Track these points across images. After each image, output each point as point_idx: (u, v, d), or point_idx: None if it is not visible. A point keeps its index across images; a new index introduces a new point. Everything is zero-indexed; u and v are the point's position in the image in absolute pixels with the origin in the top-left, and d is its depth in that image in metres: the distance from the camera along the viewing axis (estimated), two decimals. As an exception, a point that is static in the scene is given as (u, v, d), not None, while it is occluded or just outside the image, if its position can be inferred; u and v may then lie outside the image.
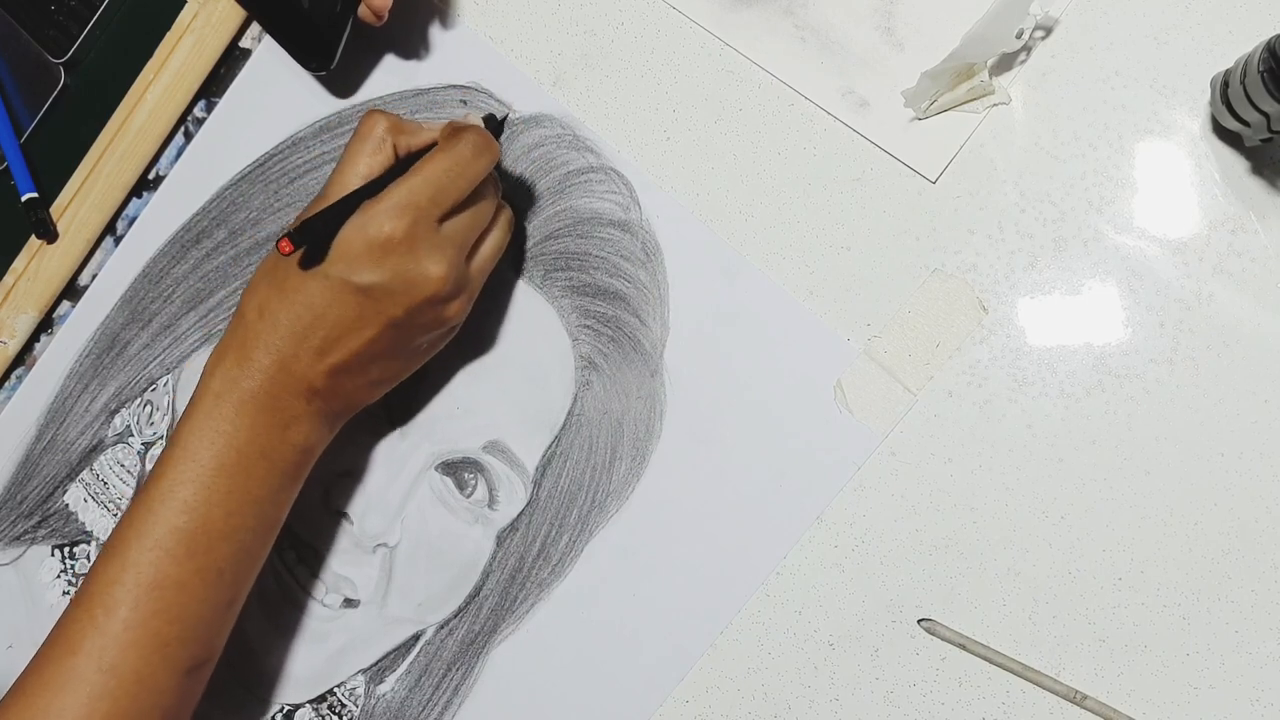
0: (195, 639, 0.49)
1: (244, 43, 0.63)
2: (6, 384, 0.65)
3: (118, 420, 0.63)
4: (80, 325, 0.64)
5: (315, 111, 0.62)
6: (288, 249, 0.47)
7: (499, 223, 0.53)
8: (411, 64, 0.61)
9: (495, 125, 0.54)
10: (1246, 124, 0.48)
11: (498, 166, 0.53)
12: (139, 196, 0.64)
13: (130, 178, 0.63)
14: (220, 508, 0.49)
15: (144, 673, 0.47)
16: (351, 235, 0.48)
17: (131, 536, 0.48)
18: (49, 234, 0.63)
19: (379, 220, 0.48)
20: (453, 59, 0.60)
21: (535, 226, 0.58)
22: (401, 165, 0.50)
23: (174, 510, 0.48)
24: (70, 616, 0.48)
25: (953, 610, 0.52)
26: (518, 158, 0.58)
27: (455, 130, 0.51)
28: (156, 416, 0.62)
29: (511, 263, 0.58)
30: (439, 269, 0.49)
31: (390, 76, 0.61)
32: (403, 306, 0.49)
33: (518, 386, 0.57)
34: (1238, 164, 0.51)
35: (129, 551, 0.48)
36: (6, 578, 0.63)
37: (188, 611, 0.49)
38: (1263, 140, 0.49)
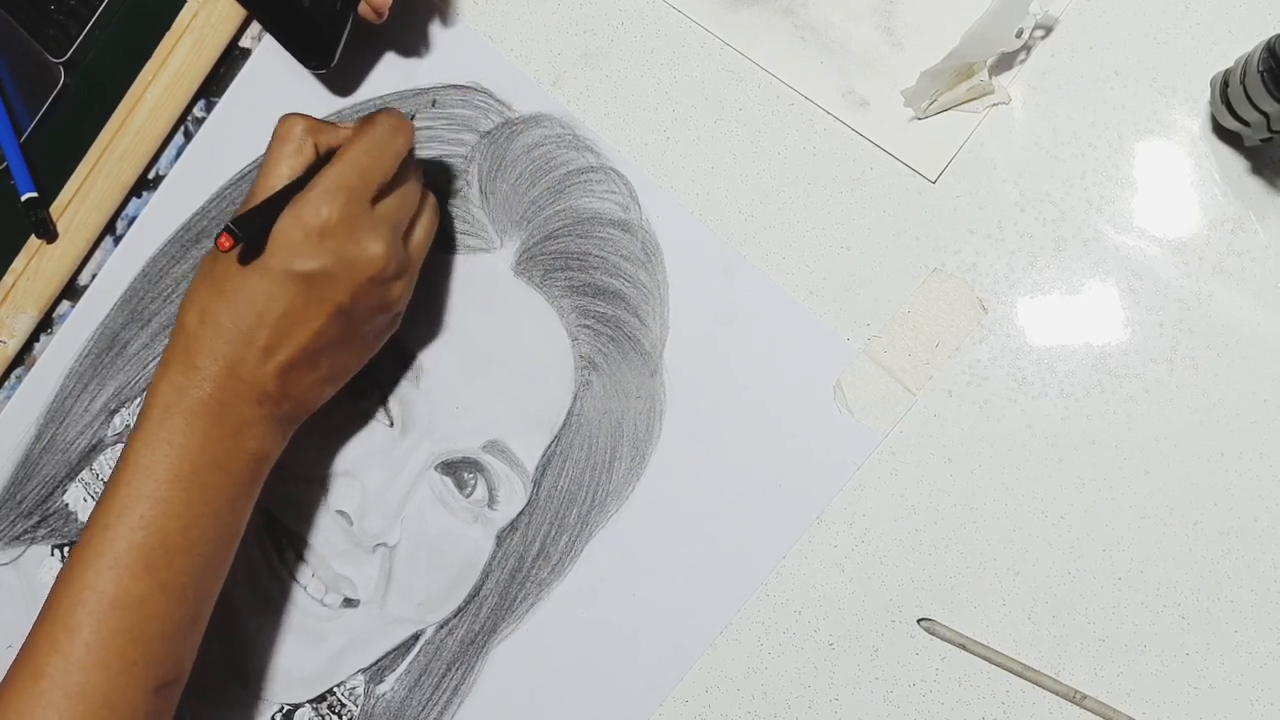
0: (161, 658, 0.48)
1: (244, 42, 0.63)
2: (6, 384, 0.65)
3: (117, 420, 0.63)
4: (80, 325, 0.64)
5: (315, 111, 0.61)
6: (228, 244, 0.47)
7: (426, 206, 0.54)
8: (411, 63, 0.61)
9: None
10: (1246, 124, 0.48)
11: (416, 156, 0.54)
12: (139, 196, 0.64)
13: (130, 177, 0.63)
14: (177, 521, 0.48)
15: (111, 695, 0.47)
16: (288, 225, 0.48)
17: (89, 556, 0.48)
18: (49, 234, 0.63)
19: (313, 206, 0.48)
20: (452, 58, 0.60)
21: (535, 226, 0.58)
22: (325, 162, 0.51)
23: (130, 526, 0.48)
24: (33, 641, 0.48)
25: (952, 610, 0.52)
26: (518, 157, 0.58)
27: (368, 116, 0.52)
28: (156, 416, 0.62)
29: (511, 263, 0.58)
30: (379, 246, 0.49)
31: (390, 75, 0.61)
32: (347, 290, 0.49)
33: (517, 386, 0.57)
34: (1238, 164, 0.51)
35: (87, 572, 0.47)
36: (6, 577, 0.63)
37: (151, 630, 0.48)
38: (1262, 140, 0.49)
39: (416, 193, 0.53)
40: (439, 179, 0.59)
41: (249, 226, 0.48)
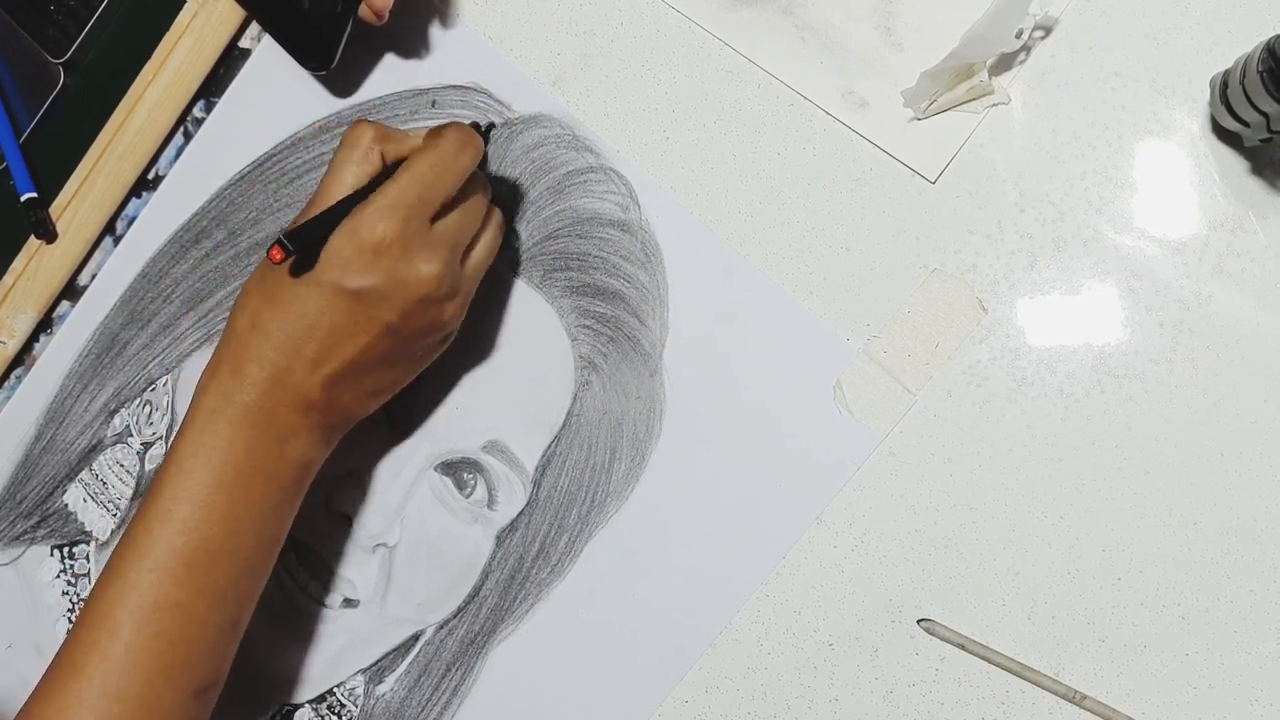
0: (200, 661, 0.49)
1: (243, 43, 0.63)
2: (6, 384, 0.65)
3: (117, 420, 0.63)
4: (80, 325, 0.64)
5: (315, 111, 0.62)
6: (279, 257, 0.46)
7: (490, 224, 0.53)
8: (411, 64, 0.61)
9: (480, 133, 0.54)
10: (1246, 124, 0.48)
11: (486, 171, 0.53)
12: (138, 196, 0.64)
13: (130, 178, 0.63)
14: (220, 526, 0.48)
15: (149, 697, 0.47)
16: (342, 240, 0.47)
17: (131, 558, 0.48)
18: (48, 234, 0.63)
19: (370, 222, 0.47)
20: (453, 59, 0.60)
21: (535, 227, 0.58)
22: (390, 173, 0.50)
23: (172, 530, 0.48)
24: (74, 640, 0.48)
25: (952, 610, 0.52)
26: (517, 158, 0.58)
27: (436, 129, 0.51)
28: (156, 416, 0.62)
29: (510, 263, 0.58)
30: (433, 268, 0.48)
31: (390, 76, 0.61)
32: (397, 310, 0.48)
33: (517, 387, 0.57)
34: (1237, 164, 0.51)
35: (129, 573, 0.47)
36: (6, 578, 0.63)
37: (191, 633, 0.48)
38: (1262, 140, 0.49)
39: (480, 210, 0.52)
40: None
41: (301, 240, 0.47)
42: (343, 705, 0.58)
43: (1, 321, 0.64)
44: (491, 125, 0.58)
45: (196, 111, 0.63)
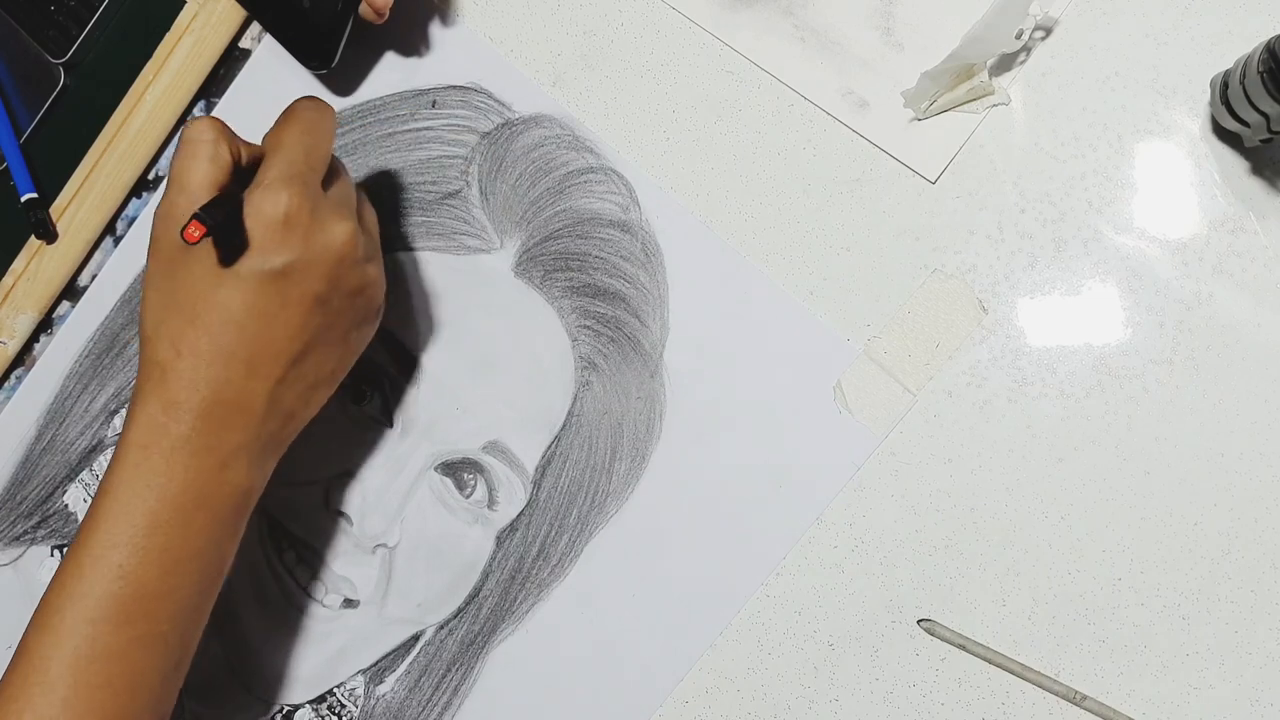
0: (142, 709, 0.46)
1: (244, 43, 0.63)
2: (6, 384, 0.65)
3: (117, 420, 0.63)
4: (80, 325, 0.64)
5: (315, 112, 0.62)
6: (197, 233, 0.43)
7: (361, 198, 0.53)
8: (411, 63, 0.61)
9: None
10: (1246, 124, 0.49)
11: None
12: (139, 197, 0.64)
13: (130, 178, 0.63)
14: (156, 567, 0.46)
15: None
16: (250, 225, 0.45)
17: (64, 603, 0.45)
18: (49, 234, 0.63)
19: (271, 198, 0.45)
20: (452, 59, 0.60)
21: (535, 227, 0.58)
22: (245, 168, 0.49)
23: (107, 576, 0.45)
24: (6, 694, 0.45)
25: (952, 610, 0.52)
26: (517, 158, 0.58)
27: (290, 106, 0.50)
28: (156, 417, 0.62)
29: (511, 263, 0.58)
30: (346, 225, 0.47)
31: (390, 76, 0.61)
32: (322, 277, 0.47)
33: (517, 387, 0.57)
34: (1238, 164, 0.51)
35: (63, 623, 0.45)
36: (6, 578, 0.63)
37: (130, 682, 0.45)
38: (1262, 141, 0.49)
39: (350, 181, 0.52)
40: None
41: (218, 213, 0.44)
42: (343, 705, 0.58)
43: (1, 322, 0.64)
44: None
45: (197, 112, 0.63)
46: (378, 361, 0.57)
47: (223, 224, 0.44)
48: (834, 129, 0.55)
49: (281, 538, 0.59)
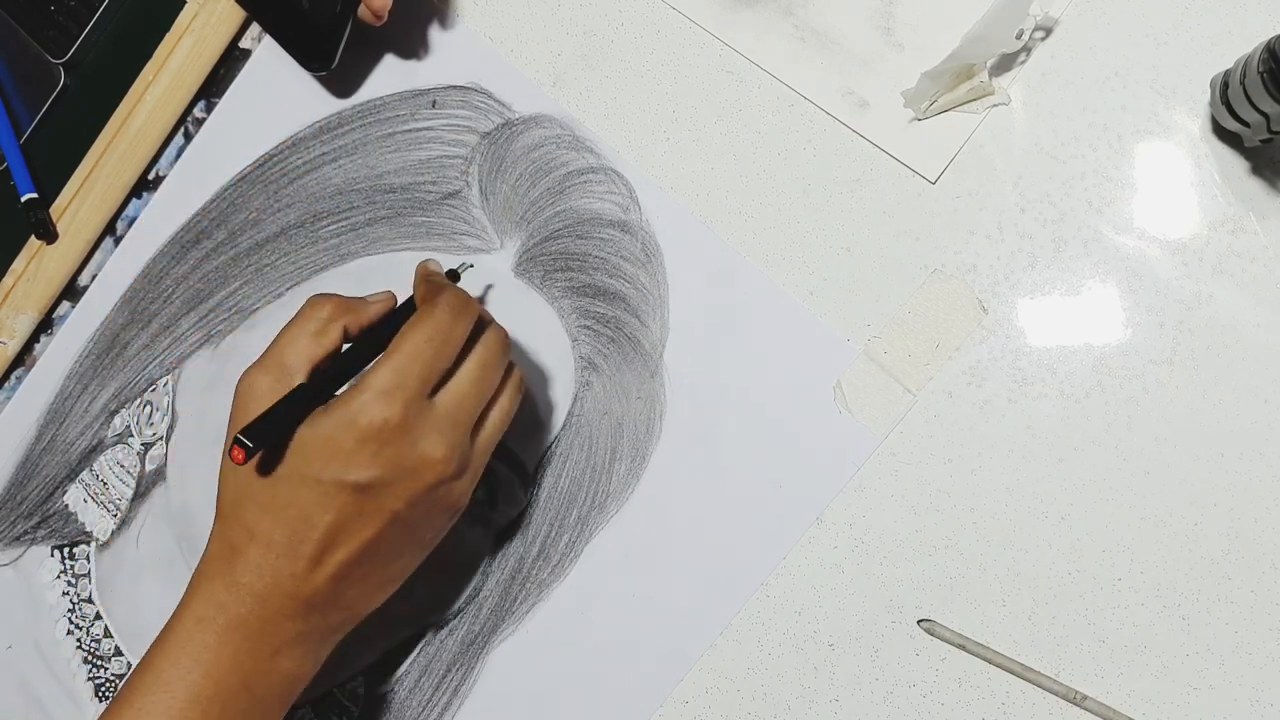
0: None
1: (244, 43, 0.63)
2: (6, 384, 0.65)
3: (117, 421, 0.63)
4: (80, 325, 0.64)
5: (315, 112, 0.62)
6: (240, 457, 0.42)
7: (507, 388, 0.49)
8: (411, 64, 0.61)
9: (456, 272, 0.53)
10: (1246, 124, 0.49)
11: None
12: (139, 197, 0.64)
13: (130, 178, 0.63)
14: None
15: None
16: (339, 431, 0.44)
17: None
18: (49, 234, 0.63)
19: (368, 409, 0.44)
20: (452, 59, 0.60)
21: (535, 227, 0.58)
22: (358, 347, 0.48)
23: None
24: None
25: (953, 610, 0.52)
26: (517, 158, 0.58)
27: (429, 294, 0.48)
28: (156, 417, 0.62)
29: (511, 264, 0.58)
30: (439, 450, 0.45)
31: (390, 77, 0.61)
32: (404, 498, 0.45)
33: (518, 387, 0.57)
34: (1238, 164, 0.51)
35: None
36: (6, 578, 0.63)
37: None
38: (1262, 141, 0.50)
39: (493, 375, 0.48)
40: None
41: (260, 438, 0.43)
42: (343, 705, 0.58)
43: (2, 322, 0.64)
44: (471, 265, 0.55)
45: (197, 112, 0.63)
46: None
47: (265, 447, 0.44)
48: (834, 129, 0.55)
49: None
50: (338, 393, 0.46)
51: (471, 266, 0.55)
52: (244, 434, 0.43)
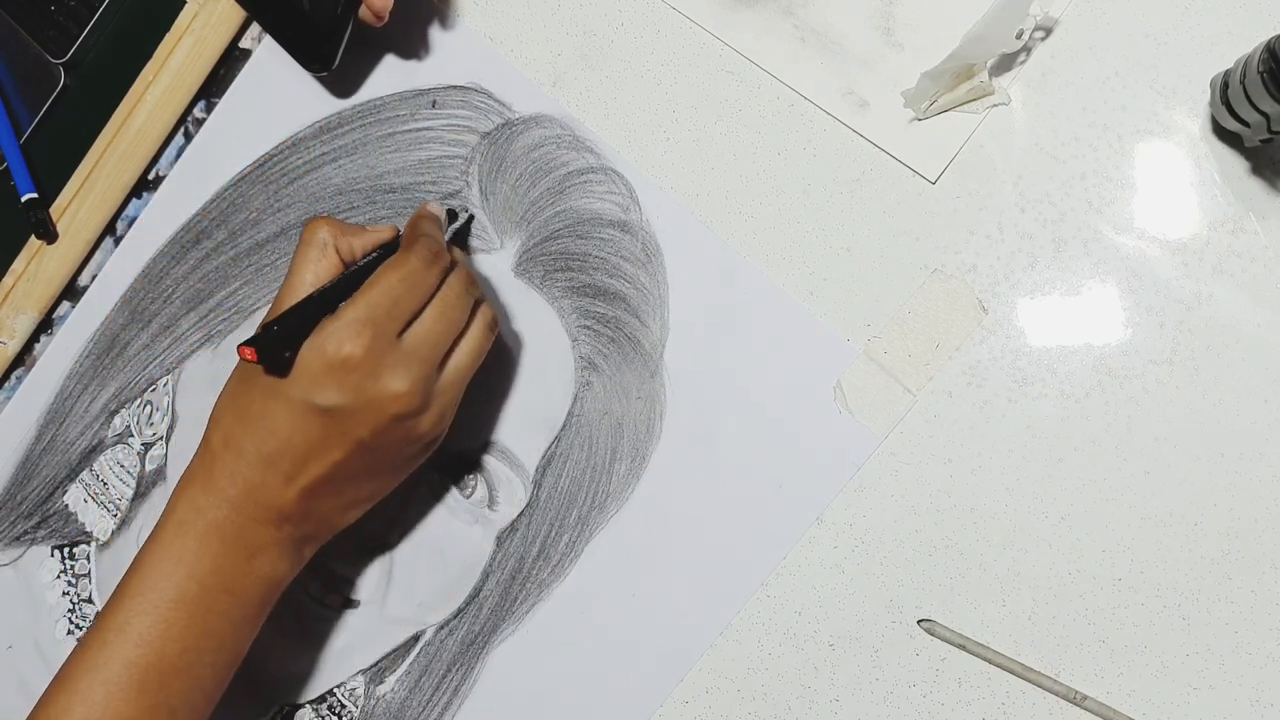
0: None
1: (244, 43, 0.63)
2: (6, 384, 0.65)
3: (117, 421, 0.63)
4: (80, 325, 0.64)
5: (315, 112, 0.62)
6: (250, 355, 0.46)
7: (475, 326, 0.51)
8: (411, 64, 0.61)
9: (462, 222, 0.56)
10: (1246, 124, 0.48)
11: (471, 258, 0.52)
12: (139, 197, 0.64)
13: (130, 178, 0.63)
14: (176, 642, 0.47)
15: None
16: (310, 355, 0.47)
17: (83, 668, 0.47)
18: (49, 234, 0.63)
19: (337, 339, 0.47)
20: (453, 59, 0.60)
21: (535, 227, 0.58)
22: (351, 271, 0.50)
23: (128, 643, 0.47)
24: None
25: (953, 610, 0.52)
26: (518, 158, 0.58)
27: (409, 237, 0.51)
28: (156, 417, 0.62)
29: (511, 264, 0.58)
30: (401, 385, 0.47)
31: (390, 77, 0.61)
32: (368, 427, 0.48)
33: (518, 387, 0.57)
34: (1238, 164, 0.51)
35: (79, 684, 0.46)
36: (6, 578, 0.63)
37: None
38: (1262, 141, 0.49)
39: (460, 314, 0.50)
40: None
41: (269, 340, 0.47)
42: (343, 705, 0.58)
43: (2, 322, 0.64)
44: (471, 216, 0.58)
45: (197, 112, 0.63)
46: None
47: (273, 347, 0.47)
48: (834, 129, 0.55)
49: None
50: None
51: (472, 218, 0.58)
52: (256, 335, 0.46)
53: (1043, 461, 0.52)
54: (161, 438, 0.62)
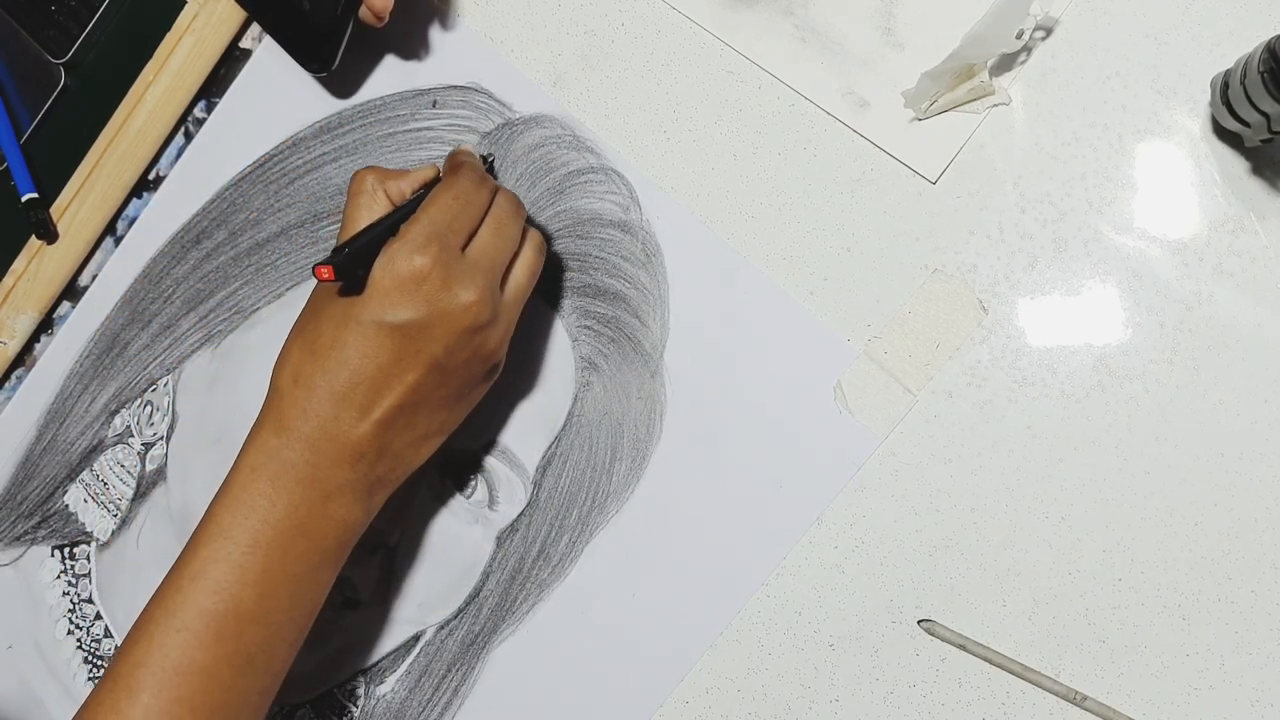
0: None
1: (244, 43, 0.63)
2: (6, 384, 0.65)
3: (118, 421, 0.63)
4: (80, 325, 0.64)
5: (315, 112, 0.62)
6: (326, 274, 0.46)
7: (527, 246, 0.52)
8: (411, 64, 0.61)
9: (486, 162, 0.56)
10: (1246, 124, 0.49)
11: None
12: (139, 197, 0.64)
13: (130, 178, 0.63)
14: (253, 589, 0.46)
15: None
16: (380, 275, 0.47)
17: (160, 616, 0.46)
18: (49, 234, 0.63)
19: (406, 254, 0.47)
20: (453, 59, 0.60)
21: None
22: (404, 207, 0.51)
23: (203, 591, 0.46)
24: (95, 698, 0.46)
25: (953, 610, 0.52)
26: (518, 158, 0.58)
27: (452, 166, 0.52)
28: (157, 417, 0.62)
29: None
30: (472, 294, 0.48)
31: (390, 77, 0.61)
32: (442, 342, 0.48)
33: (518, 387, 0.57)
34: (1238, 164, 0.51)
35: (156, 633, 0.46)
36: (6, 578, 0.63)
37: (213, 699, 0.46)
38: (1263, 141, 0.49)
39: (514, 232, 0.51)
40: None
41: (348, 259, 0.47)
42: (343, 705, 0.58)
43: (2, 322, 0.64)
44: (492, 161, 0.58)
45: (197, 112, 0.63)
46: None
47: (352, 267, 0.47)
48: (834, 129, 0.55)
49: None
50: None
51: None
52: (334, 253, 0.47)
53: (1043, 461, 0.52)
54: (162, 438, 0.62)
